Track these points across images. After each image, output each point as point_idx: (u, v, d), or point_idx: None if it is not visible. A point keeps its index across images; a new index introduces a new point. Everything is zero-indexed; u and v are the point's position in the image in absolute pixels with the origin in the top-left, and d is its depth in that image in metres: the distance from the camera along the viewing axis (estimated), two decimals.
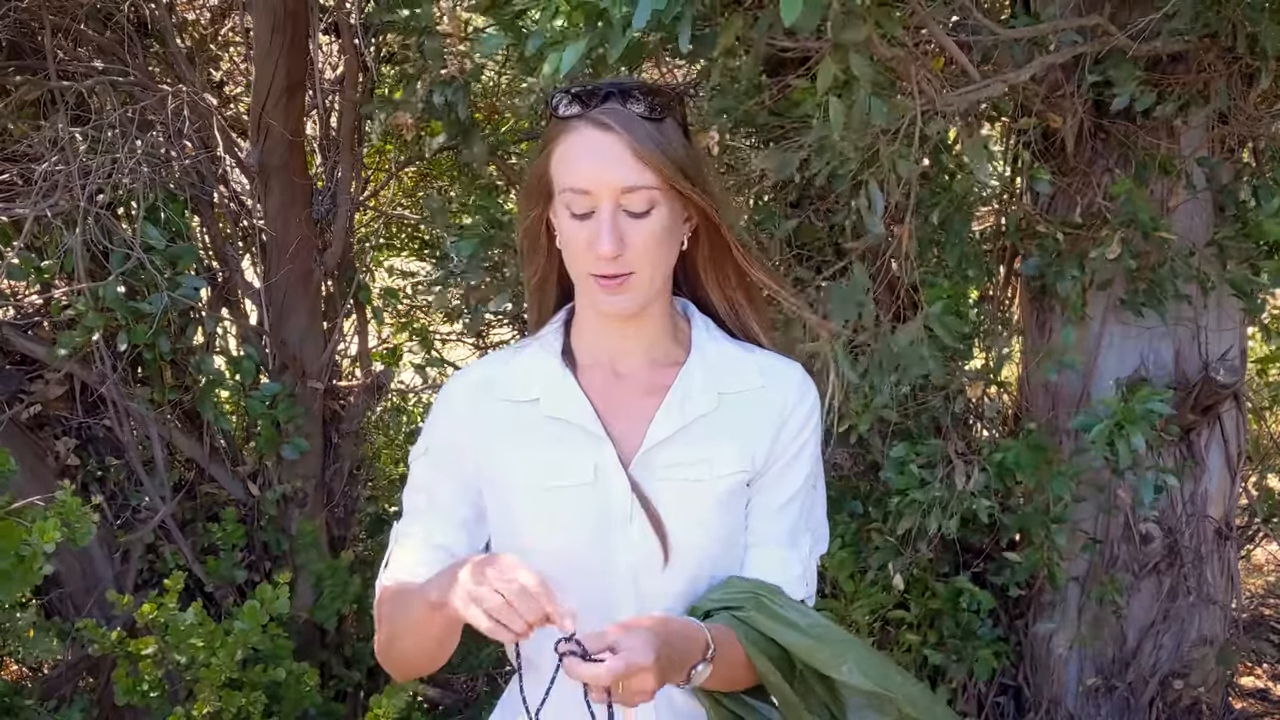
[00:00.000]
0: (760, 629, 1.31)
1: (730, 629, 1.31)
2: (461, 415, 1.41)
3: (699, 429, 1.38)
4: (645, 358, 1.41)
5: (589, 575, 1.34)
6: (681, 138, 1.34)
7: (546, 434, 1.38)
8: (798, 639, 1.32)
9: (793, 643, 1.32)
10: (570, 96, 1.32)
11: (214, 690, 2.62)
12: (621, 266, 1.30)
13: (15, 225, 2.95)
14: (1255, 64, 2.80)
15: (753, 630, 1.31)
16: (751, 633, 1.31)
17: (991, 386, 3.29)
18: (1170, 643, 3.30)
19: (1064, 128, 2.91)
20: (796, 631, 1.33)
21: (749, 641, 1.31)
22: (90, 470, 3.16)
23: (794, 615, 1.34)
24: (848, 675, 1.31)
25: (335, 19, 3.35)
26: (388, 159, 3.89)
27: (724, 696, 1.35)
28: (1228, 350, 3.21)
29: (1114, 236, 2.83)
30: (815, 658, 1.32)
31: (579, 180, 1.30)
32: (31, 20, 3.06)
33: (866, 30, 1.85)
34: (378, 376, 3.56)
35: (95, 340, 2.97)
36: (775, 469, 1.41)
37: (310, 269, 3.31)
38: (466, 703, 3.62)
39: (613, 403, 1.39)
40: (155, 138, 3.11)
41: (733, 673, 1.31)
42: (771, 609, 1.33)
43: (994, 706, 3.45)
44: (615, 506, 1.35)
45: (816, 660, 1.32)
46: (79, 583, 3.08)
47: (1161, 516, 3.24)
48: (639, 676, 1.15)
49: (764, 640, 1.31)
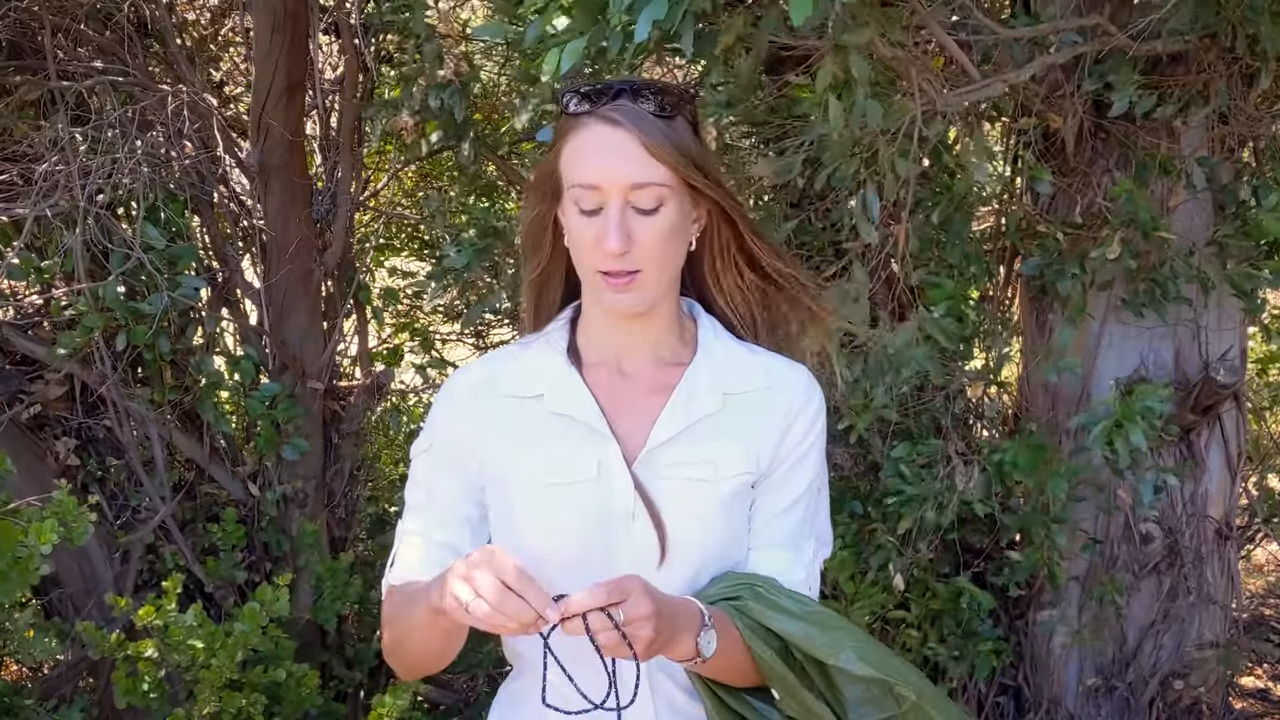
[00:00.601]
0: (757, 618, 1.31)
1: (727, 616, 1.31)
2: (464, 411, 1.41)
3: (704, 429, 1.37)
4: (651, 357, 1.41)
5: (589, 573, 1.34)
6: (692, 135, 1.34)
7: (550, 430, 1.37)
8: (795, 626, 1.31)
9: (790, 631, 1.31)
10: (580, 95, 1.32)
11: (214, 691, 2.61)
12: (629, 264, 1.30)
13: (15, 225, 2.95)
14: (1255, 64, 2.80)
15: (750, 619, 1.31)
16: (749, 621, 1.31)
17: (992, 386, 3.30)
18: (1170, 643, 3.30)
19: (1064, 128, 2.91)
20: (793, 619, 1.32)
21: (747, 630, 1.30)
22: (90, 471, 3.16)
23: (789, 603, 1.34)
24: (845, 662, 1.30)
25: (335, 19, 3.35)
26: (388, 159, 3.89)
27: (727, 695, 1.35)
28: (1228, 350, 3.21)
29: (1114, 236, 2.83)
30: (813, 644, 1.31)
31: (587, 176, 1.30)
32: (31, 20, 3.06)
33: (869, 33, 1.85)
34: (378, 377, 3.55)
35: (95, 340, 2.96)
36: (780, 472, 1.40)
37: (310, 269, 3.31)
38: (466, 702, 3.62)
39: (617, 401, 1.38)
40: (155, 138, 3.11)
41: (734, 657, 1.30)
42: (768, 598, 1.33)
43: (994, 706, 3.45)
44: (617, 504, 1.34)
45: (814, 648, 1.31)
46: (79, 583, 3.08)
47: (1161, 516, 3.24)
48: (637, 622, 1.14)
49: (762, 629, 1.31)
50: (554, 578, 1.35)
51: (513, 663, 1.48)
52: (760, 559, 1.40)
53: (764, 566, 1.40)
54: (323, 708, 3.01)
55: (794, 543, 1.42)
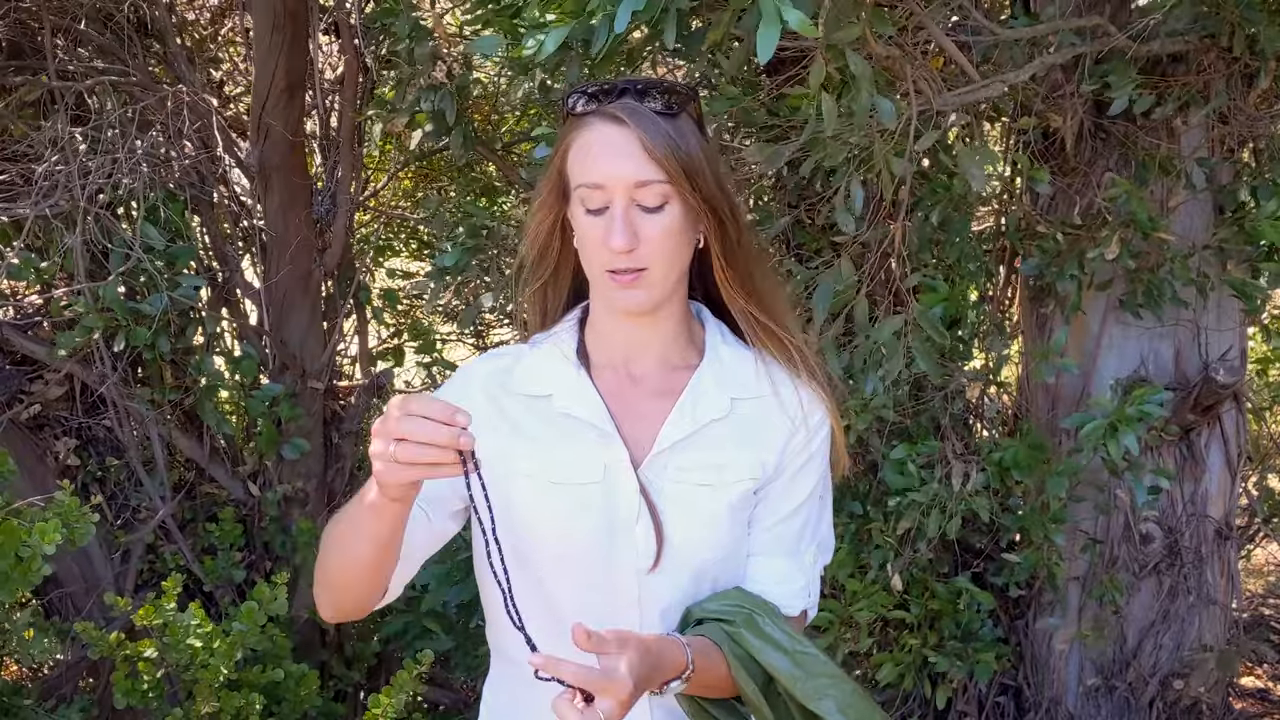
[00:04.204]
0: (746, 647, 1.31)
1: (716, 644, 1.31)
2: (477, 394, 1.39)
3: (711, 434, 1.37)
4: (659, 359, 1.40)
5: (592, 574, 1.34)
6: (697, 133, 1.34)
7: (557, 430, 1.37)
8: (782, 663, 1.32)
9: (776, 666, 1.32)
10: (585, 95, 1.32)
11: (213, 691, 2.62)
12: (635, 261, 1.30)
13: (15, 225, 2.96)
14: (1254, 64, 2.80)
15: (738, 646, 1.31)
16: (738, 649, 1.31)
17: (991, 387, 3.29)
18: (1170, 643, 3.30)
19: (1064, 128, 2.91)
20: (782, 654, 1.32)
21: (734, 657, 1.30)
22: (90, 470, 3.16)
23: (781, 637, 1.33)
24: (825, 711, 1.31)
25: (335, 19, 3.36)
26: (388, 159, 3.90)
27: (708, 704, 1.35)
28: (1228, 350, 3.21)
29: (1113, 237, 2.83)
30: (796, 687, 1.31)
31: (592, 175, 1.30)
32: (31, 20, 3.06)
33: (857, 31, 1.85)
34: (378, 377, 3.56)
35: (95, 340, 2.97)
36: (783, 478, 1.40)
37: (310, 269, 3.31)
38: (466, 703, 3.62)
39: (625, 403, 1.38)
40: (155, 138, 3.11)
41: (709, 687, 1.31)
42: (760, 628, 1.33)
43: (994, 706, 3.45)
44: (622, 507, 1.34)
45: (796, 690, 1.31)
46: (78, 583, 3.09)
47: (1161, 517, 3.24)
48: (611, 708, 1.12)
49: (748, 658, 1.31)
50: (553, 577, 1.35)
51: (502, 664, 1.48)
52: (760, 565, 1.40)
53: (764, 573, 1.39)
54: (321, 707, 3.01)
55: (794, 550, 1.41)
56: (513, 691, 1.44)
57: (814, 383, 1.42)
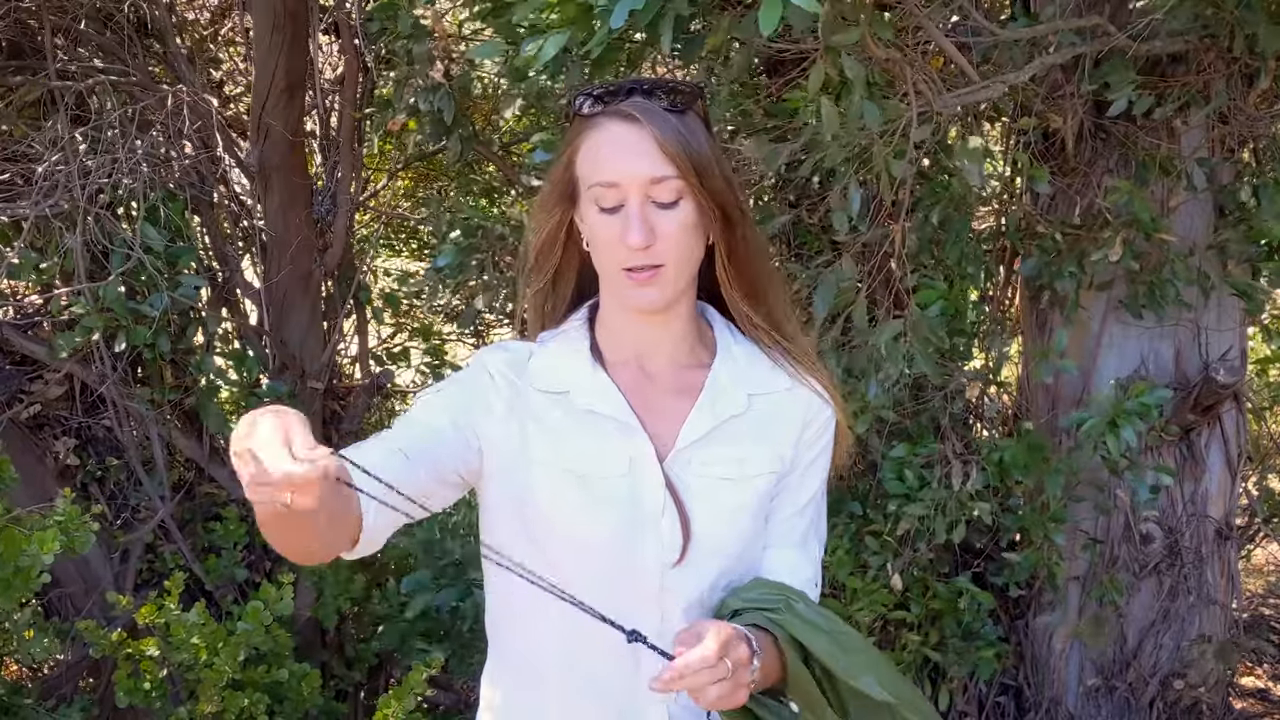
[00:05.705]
0: (792, 631, 1.32)
1: (765, 632, 1.31)
2: (498, 375, 1.38)
3: (731, 430, 1.38)
4: (670, 358, 1.41)
5: (616, 566, 1.34)
6: (704, 131, 1.34)
7: (580, 425, 1.36)
8: (822, 642, 1.33)
9: (817, 646, 1.33)
10: (592, 96, 1.33)
11: (216, 691, 2.62)
12: (651, 258, 1.30)
13: (15, 225, 2.96)
14: (1254, 64, 2.80)
15: (785, 633, 1.32)
16: (786, 635, 1.32)
17: (991, 387, 3.29)
18: (1170, 643, 3.30)
19: (1064, 128, 2.91)
20: (822, 635, 1.34)
21: (786, 644, 1.31)
22: (90, 470, 3.16)
23: (819, 619, 1.35)
24: (866, 686, 1.32)
25: (335, 19, 3.36)
26: (388, 159, 3.89)
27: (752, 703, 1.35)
28: (1228, 350, 3.21)
29: (1115, 238, 2.83)
30: (837, 665, 1.33)
31: (606, 173, 1.30)
32: (31, 20, 3.06)
33: (857, 33, 1.85)
34: (377, 377, 3.56)
35: (95, 340, 2.96)
36: (798, 472, 1.42)
37: (310, 269, 3.31)
38: (466, 703, 3.62)
39: (644, 399, 1.38)
40: (155, 138, 3.11)
41: (768, 674, 1.31)
42: (801, 612, 1.34)
43: (994, 706, 3.45)
44: (648, 500, 1.34)
45: (838, 667, 1.33)
46: (78, 583, 3.09)
47: (1161, 516, 3.24)
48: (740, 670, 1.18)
49: (794, 643, 1.33)
50: (572, 569, 1.34)
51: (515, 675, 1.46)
52: (774, 557, 1.42)
53: (777, 564, 1.41)
54: (323, 707, 3.01)
55: (803, 541, 1.44)
56: (511, 691, 1.45)
57: (821, 379, 1.44)
